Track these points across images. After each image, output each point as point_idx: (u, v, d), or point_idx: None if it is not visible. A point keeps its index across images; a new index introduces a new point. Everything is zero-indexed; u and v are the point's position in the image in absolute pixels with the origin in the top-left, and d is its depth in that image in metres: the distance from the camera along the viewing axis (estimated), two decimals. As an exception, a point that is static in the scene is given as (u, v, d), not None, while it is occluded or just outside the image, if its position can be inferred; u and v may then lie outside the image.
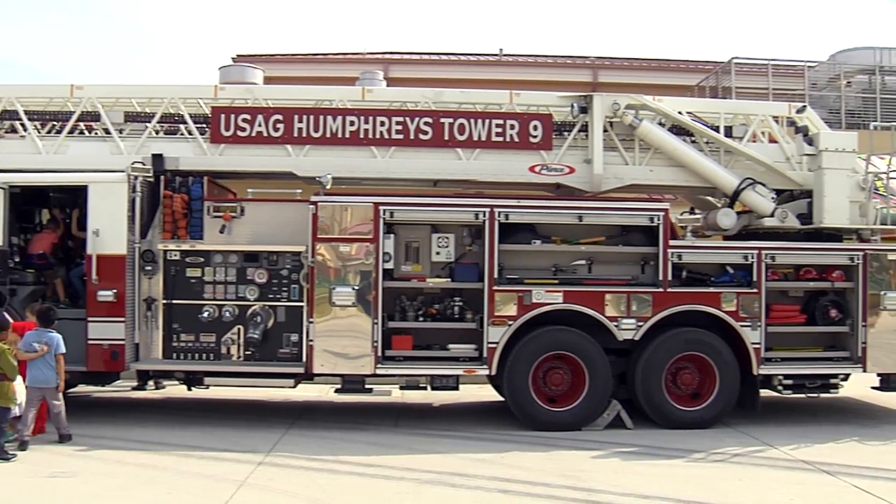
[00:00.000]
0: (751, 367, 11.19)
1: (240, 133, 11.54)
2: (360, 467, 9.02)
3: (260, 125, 11.55)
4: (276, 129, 11.55)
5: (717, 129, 12.04)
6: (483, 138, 11.62)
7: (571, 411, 10.99)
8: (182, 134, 11.76)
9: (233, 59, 30.79)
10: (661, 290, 11.04)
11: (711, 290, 11.23)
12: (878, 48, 36.71)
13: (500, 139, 11.62)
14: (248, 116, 11.57)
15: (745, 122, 12.34)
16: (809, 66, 36.57)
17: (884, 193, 13.97)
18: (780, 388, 11.45)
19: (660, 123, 11.97)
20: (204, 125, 11.72)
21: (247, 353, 11.05)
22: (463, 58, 39.75)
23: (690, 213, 13.31)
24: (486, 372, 10.97)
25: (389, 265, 10.98)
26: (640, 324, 10.98)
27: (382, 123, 11.61)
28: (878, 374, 11.89)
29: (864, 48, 37.17)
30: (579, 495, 8.04)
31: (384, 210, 10.90)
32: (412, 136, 11.59)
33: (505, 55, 40.94)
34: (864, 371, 11.60)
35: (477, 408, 12.81)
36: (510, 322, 10.85)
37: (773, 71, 35.60)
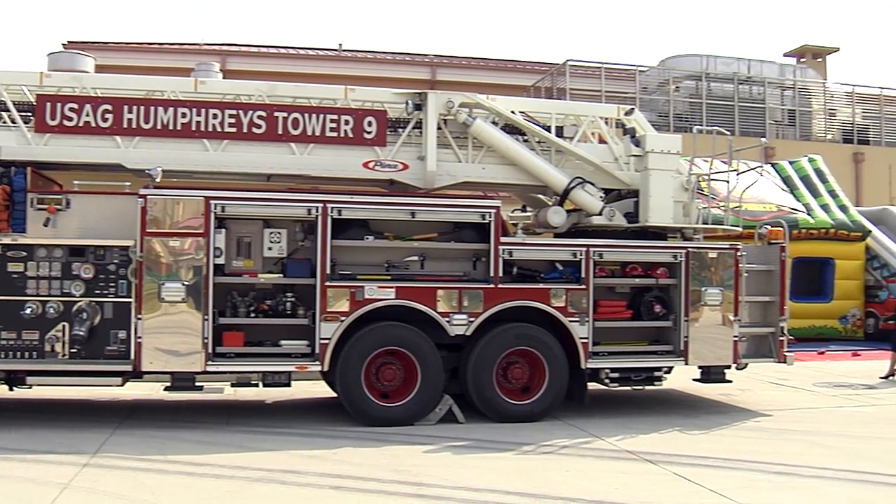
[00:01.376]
0: (579, 361, 11.46)
1: (66, 123, 11.09)
2: (190, 466, 8.83)
3: (88, 115, 11.11)
4: (105, 120, 11.15)
5: (548, 129, 12.27)
6: (317, 133, 11.51)
7: (404, 406, 11.02)
8: (4, 122, 11.23)
9: (63, 45, 29.79)
10: (492, 286, 11.19)
11: (541, 286, 11.44)
12: (705, 55, 38.30)
13: (335, 134, 11.55)
14: (75, 105, 11.13)
15: (575, 123, 12.60)
16: (641, 71, 37.87)
17: (707, 194, 14.58)
18: (607, 381, 11.77)
19: (493, 122, 12.12)
20: (29, 114, 11.23)
21: (72, 350, 10.58)
22: (302, 52, 39.53)
23: (522, 210, 13.57)
24: (319, 368, 10.87)
25: (220, 260, 10.74)
26: (472, 319, 11.09)
27: (215, 116, 11.36)
28: (700, 367, 12.39)
29: (692, 55, 38.70)
30: (410, 489, 8.06)
31: (215, 204, 10.67)
32: (245, 130, 11.39)
33: (344, 51, 40.89)
34: (687, 364, 12.06)
35: (310, 404, 12.73)
36: (343, 318, 10.79)
37: (607, 74, 36.72)
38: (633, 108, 13.09)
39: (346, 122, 11.59)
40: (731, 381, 12.69)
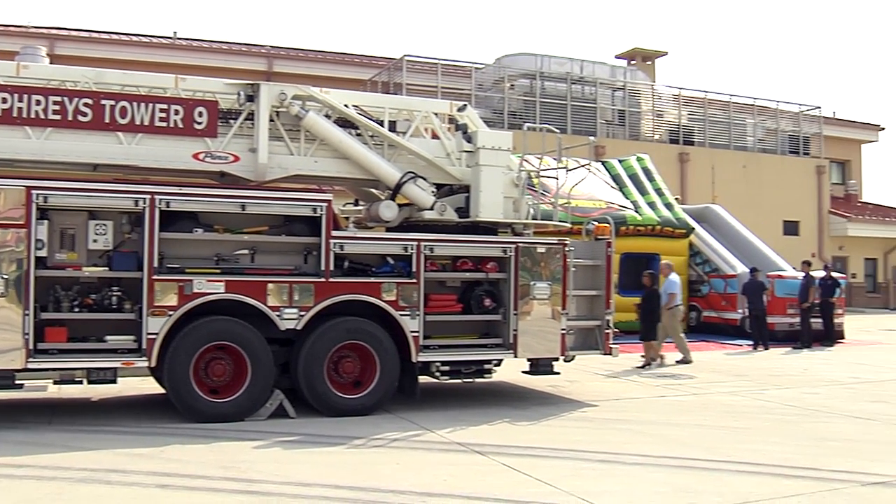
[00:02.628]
0: (410, 354, 11.52)
1: None
2: (9, 469, 8.43)
3: None
4: (-83, 105, 10.59)
5: (381, 124, 12.27)
6: (146, 123, 11.13)
7: (234, 402, 10.86)
8: None
9: None
10: (323, 279, 11.13)
11: (372, 280, 11.45)
12: (540, 55, 39.08)
13: (164, 124, 11.19)
14: None
15: (408, 118, 12.62)
16: (477, 68, 38.34)
17: (538, 190, 14.86)
18: (437, 374, 11.89)
19: (326, 115, 12.04)
20: None
21: None
22: (135, 39, 38.48)
23: (354, 204, 13.55)
24: (146, 364, 10.57)
25: (43, 253, 10.29)
26: (303, 313, 11.02)
27: (38, 102, 10.84)
28: (528, 359, 12.65)
29: (526, 54, 39.42)
30: (239, 486, 7.94)
31: (37, 194, 10.23)
32: (71, 118, 10.91)
33: (179, 39, 39.98)
34: (516, 356, 12.28)
35: (138, 401, 12.41)
36: (170, 312, 10.53)
37: (443, 70, 37.06)
38: (465, 105, 13.22)
39: (176, 112, 11.27)
40: (559, 373, 13.03)
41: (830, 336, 23.69)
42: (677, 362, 17.85)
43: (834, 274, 24.86)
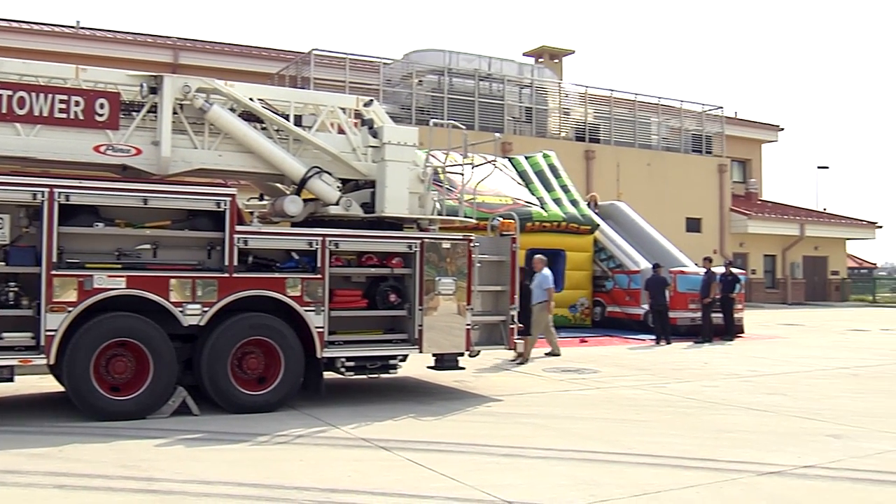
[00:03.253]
0: (315, 350, 11.46)
1: None
2: None
3: None
4: None
5: (287, 118, 12.19)
6: (45, 114, 10.85)
7: (136, 399, 10.66)
8: None
9: None
10: (227, 275, 10.99)
11: (277, 275, 11.36)
12: (448, 51, 39.19)
13: (64, 116, 10.93)
14: None
15: (314, 112, 12.58)
16: (385, 63, 38.29)
17: (445, 186, 14.92)
18: (343, 370, 11.84)
19: (231, 109, 11.92)
20: None
21: None
22: (36, 27, 37.55)
23: (259, 199, 13.44)
24: (45, 361, 10.30)
25: (-64, 247, 10.05)
26: (206, 309, 10.87)
27: (-68, 92, 10.59)
28: (434, 355, 12.68)
29: (435, 50, 39.50)
30: (139, 485, 7.81)
31: (-69, 187, 9.96)
32: (-34, 108, 10.66)
33: (82, 28, 39.13)
34: (421, 352, 12.31)
35: (37, 400, 12.12)
36: (70, 308, 10.28)
37: (351, 65, 36.94)
38: (371, 100, 13.20)
39: (77, 104, 11.01)
40: (464, 368, 13.10)
41: (730, 331, 24.26)
42: (546, 354, 18.13)
43: (734, 270, 25.43)
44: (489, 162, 14.78)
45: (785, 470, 8.54)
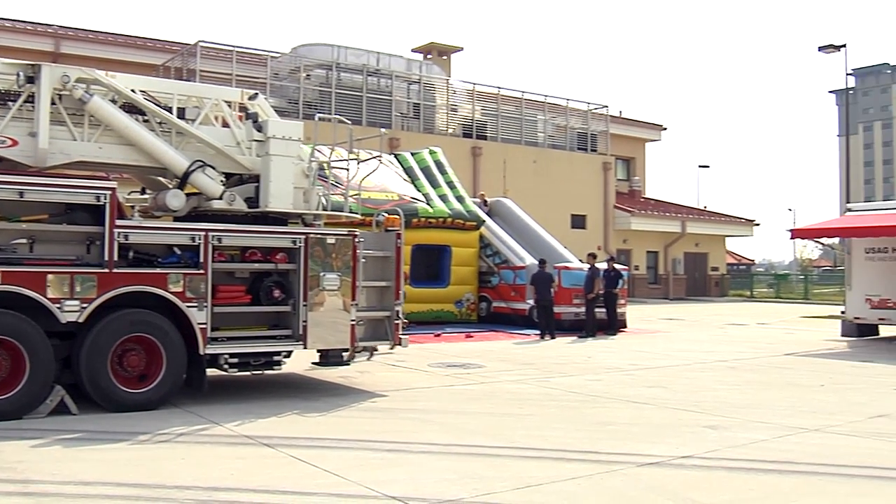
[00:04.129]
0: (198, 347, 11.28)
1: None
2: None
3: None
4: None
5: (170, 110, 11.97)
6: (-86, 103, 10.53)
7: (11, 399, 10.28)
8: None
9: None
10: (106, 270, 10.72)
11: (158, 270, 11.13)
12: (337, 46, 38.98)
13: (-66, 105, 10.62)
14: None
15: (198, 105, 12.37)
16: (273, 57, 37.90)
17: (332, 181, 14.84)
18: (226, 366, 11.67)
19: (112, 100, 11.65)
20: None
21: None
22: None
23: (141, 193, 13.17)
24: (-90, 360, 9.98)
25: None
26: (85, 305, 10.58)
27: None
28: (318, 351, 12.62)
29: (323, 44, 39.27)
30: (15, 488, 7.56)
31: None
32: None
33: (-44, 16, 37.83)
34: (306, 348, 12.23)
35: None
36: (-60, 305, 9.96)
37: (238, 58, 36.47)
38: (256, 93, 13.06)
39: (-52, 93, 10.68)
40: (348, 364, 13.06)
41: (613, 325, 24.71)
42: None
43: (616, 266, 25.89)
44: (375, 157, 14.77)
45: (664, 461, 8.73)
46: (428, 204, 26.02)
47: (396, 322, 13.18)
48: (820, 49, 41.30)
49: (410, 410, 11.61)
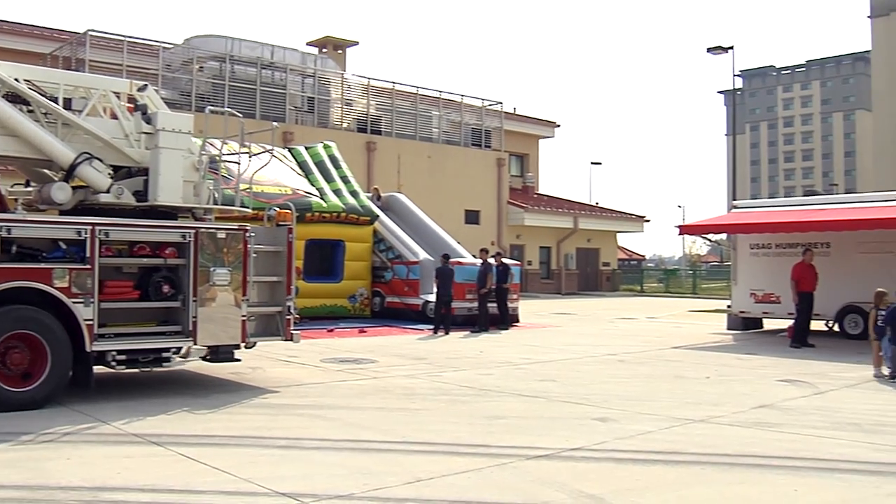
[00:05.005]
0: (84, 344, 11.03)
1: None
2: None
3: None
4: None
5: (56, 101, 11.69)
6: None
7: None
8: None
9: None
10: (-12, 265, 10.44)
11: (42, 266, 10.81)
12: (231, 38, 38.52)
13: None
14: None
15: (85, 96, 12.10)
16: (165, 48, 37.24)
17: (224, 175, 14.66)
18: (113, 363, 11.40)
19: (-6, 90, 11.34)
20: None
21: None
22: None
23: (25, 185, 12.84)
24: None
25: None
26: (-37, 303, 10.29)
27: None
28: (209, 346, 12.44)
29: (217, 36, 38.76)
30: None
31: None
32: None
33: None
34: (196, 344, 12.03)
35: None
36: None
37: (129, 48, 35.76)
38: (146, 85, 12.82)
39: None
40: (240, 360, 12.93)
41: (505, 320, 24.95)
42: None
43: (505, 261, 26.10)
44: (267, 151, 14.64)
45: (553, 453, 8.86)
46: (322, 199, 25.90)
47: (288, 317, 13.08)
48: (708, 50, 42.29)
49: (302, 406, 11.54)
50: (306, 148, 28.63)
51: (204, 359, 12.65)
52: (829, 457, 8.87)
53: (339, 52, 48.55)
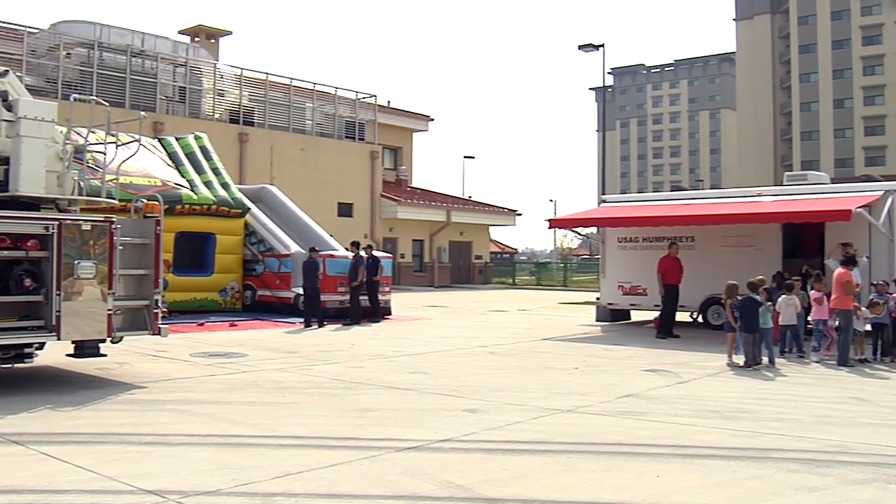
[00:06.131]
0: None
1: None
2: None
3: None
4: None
5: None
6: None
7: None
8: None
9: None
10: None
11: None
12: (100, 24, 37.57)
13: None
14: None
15: (-61, 82, 11.71)
16: (30, 33, 36.06)
17: (91, 165, 14.29)
18: (-29, 360, 11.10)
19: None
20: None
21: None
22: None
23: None
24: None
25: None
26: None
27: None
28: (73, 342, 12.14)
29: (85, 22, 37.78)
30: None
31: None
32: None
33: None
34: (60, 339, 11.72)
35: None
36: None
37: (-10, 33, 34.45)
38: (7, 71, 12.44)
39: None
40: (106, 356, 12.66)
41: (377, 312, 24.98)
42: None
43: (376, 253, 26.11)
44: (135, 140, 14.31)
45: (423, 445, 8.93)
46: (192, 190, 25.50)
47: (156, 311, 12.83)
48: (580, 48, 42.93)
49: (170, 402, 11.36)
50: (177, 139, 28.12)
51: (69, 354, 12.36)
52: (691, 443, 9.19)
53: (212, 41, 47.79)
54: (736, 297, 16.09)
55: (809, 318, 17.42)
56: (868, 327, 16.47)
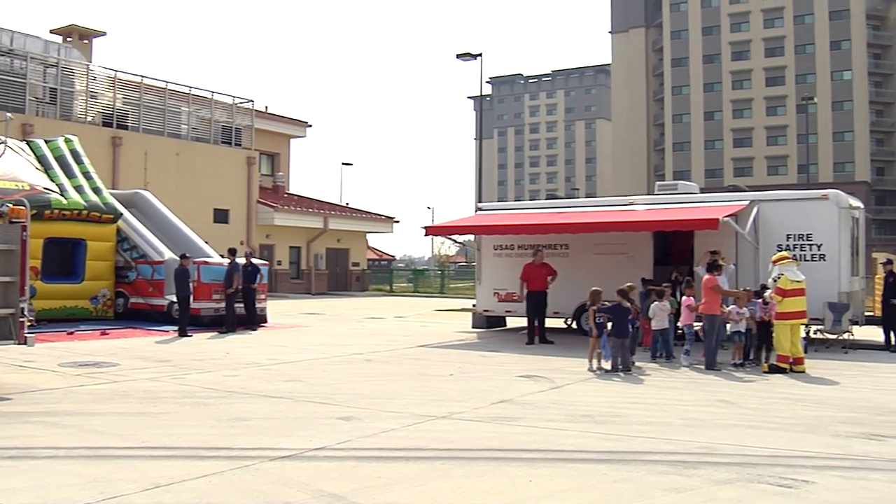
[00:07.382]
0: None
1: None
2: None
3: None
4: None
5: None
6: None
7: None
8: None
9: None
10: None
11: None
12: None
13: None
14: None
15: None
16: None
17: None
18: None
19: None
20: None
21: None
22: None
23: None
24: None
25: None
26: None
27: None
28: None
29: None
30: None
31: None
32: None
33: None
34: (-82, 349, 11.36)
35: None
36: None
37: None
38: None
39: None
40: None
41: (253, 320, 24.78)
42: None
43: (254, 261, 25.90)
44: (1, 143, 13.94)
45: (297, 453, 8.92)
46: (62, 195, 24.87)
47: (22, 319, 12.50)
48: (458, 56, 43.26)
49: (36, 413, 11.07)
50: (46, 141, 27.37)
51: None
52: (563, 448, 9.40)
53: (85, 42, 46.67)
54: (600, 303, 16.45)
55: (679, 324, 17.93)
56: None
